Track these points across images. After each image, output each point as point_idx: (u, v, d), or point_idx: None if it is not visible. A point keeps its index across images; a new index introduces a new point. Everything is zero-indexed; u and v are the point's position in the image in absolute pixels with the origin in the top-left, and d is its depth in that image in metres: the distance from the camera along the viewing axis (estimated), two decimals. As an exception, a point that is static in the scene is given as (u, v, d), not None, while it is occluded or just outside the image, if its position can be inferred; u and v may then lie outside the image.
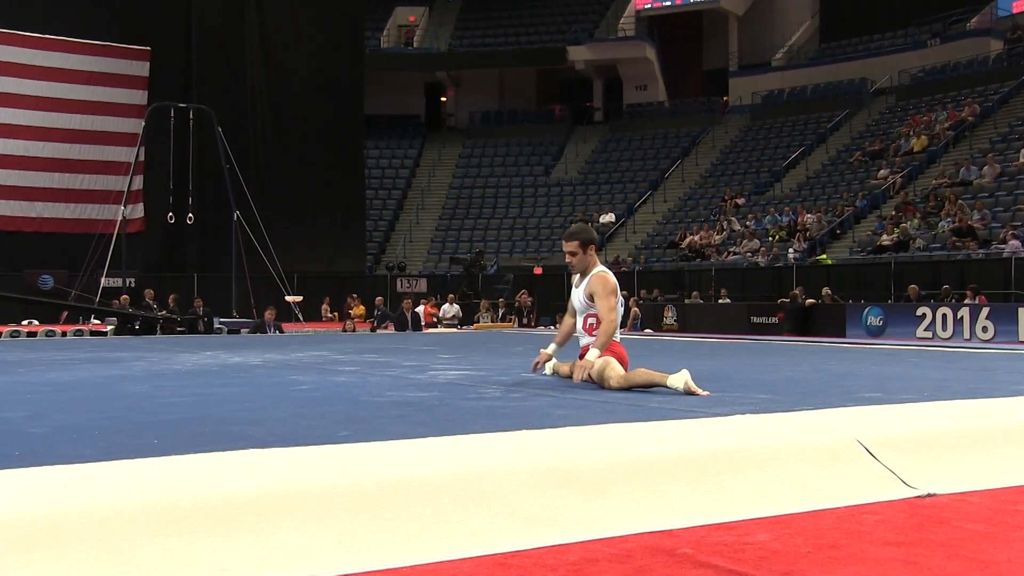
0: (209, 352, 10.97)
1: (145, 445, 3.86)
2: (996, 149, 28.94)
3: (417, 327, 22.15)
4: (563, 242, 6.55)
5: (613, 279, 6.36)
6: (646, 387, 6.01)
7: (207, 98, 28.80)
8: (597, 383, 6.19)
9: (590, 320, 6.45)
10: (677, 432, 4.12)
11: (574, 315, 6.63)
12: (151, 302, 22.29)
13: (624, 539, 3.10)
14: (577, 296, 6.51)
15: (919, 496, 3.73)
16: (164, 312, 21.01)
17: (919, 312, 19.72)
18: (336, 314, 27.01)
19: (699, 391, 5.77)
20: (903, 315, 20.19)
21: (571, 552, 2.98)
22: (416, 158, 43.20)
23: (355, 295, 27.82)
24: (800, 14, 44.34)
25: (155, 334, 18.85)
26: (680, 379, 5.84)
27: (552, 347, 6.70)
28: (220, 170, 25.95)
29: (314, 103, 32.69)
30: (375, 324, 22.27)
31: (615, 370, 6.13)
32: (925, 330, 19.30)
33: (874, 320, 20.50)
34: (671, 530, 3.21)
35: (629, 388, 6.02)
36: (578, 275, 6.55)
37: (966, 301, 19.80)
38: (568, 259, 6.55)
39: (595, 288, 6.32)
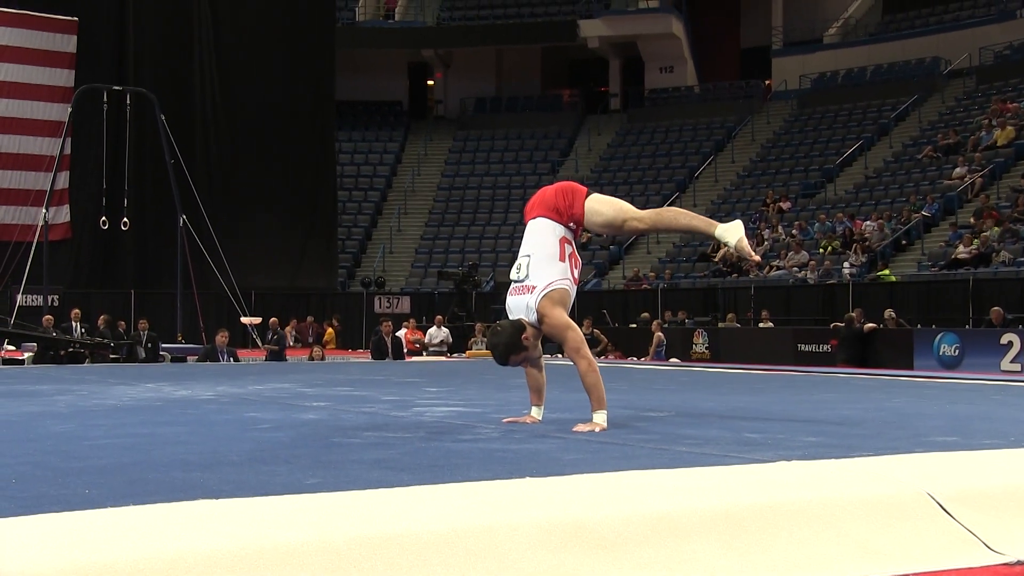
0: (150, 384, 10.98)
1: (73, 496, 3.86)
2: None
3: (398, 354, 22.17)
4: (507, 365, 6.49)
5: (548, 303, 6.33)
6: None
7: (146, 80, 28.86)
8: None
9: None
10: (710, 482, 4.13)
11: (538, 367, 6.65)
12: (76, 323, 22.27)
13: (648, 610, 3.11)
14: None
15: (1006, 564, 3.72)
16: (86, 336, 20.98)
17: (1004, 340, 19.70)
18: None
19: (753, 255, 6.65)
20: (984, 343, 20.17)
21: (584, 625, 2.98)
22: (398, 153, 43.28)
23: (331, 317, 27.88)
24: (858, -19, 44.50)
25: (81, 363, 18.87)
26: (734, 232, 6.36)
27: (535, 410, 6.69)
28: (163, 166, 26.00)
29: (276, 87, 32.74)
30: (268, 353, 21.72)
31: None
32: (1012, 362, 19.27)
33: (948, 349, 20.49)
34: (704, 599, 3.22)
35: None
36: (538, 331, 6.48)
37: (1064, 327, 19.82)
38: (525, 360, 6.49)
39: (547, 318, 6.27)
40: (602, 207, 6.49)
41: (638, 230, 6.85)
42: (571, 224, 6.44)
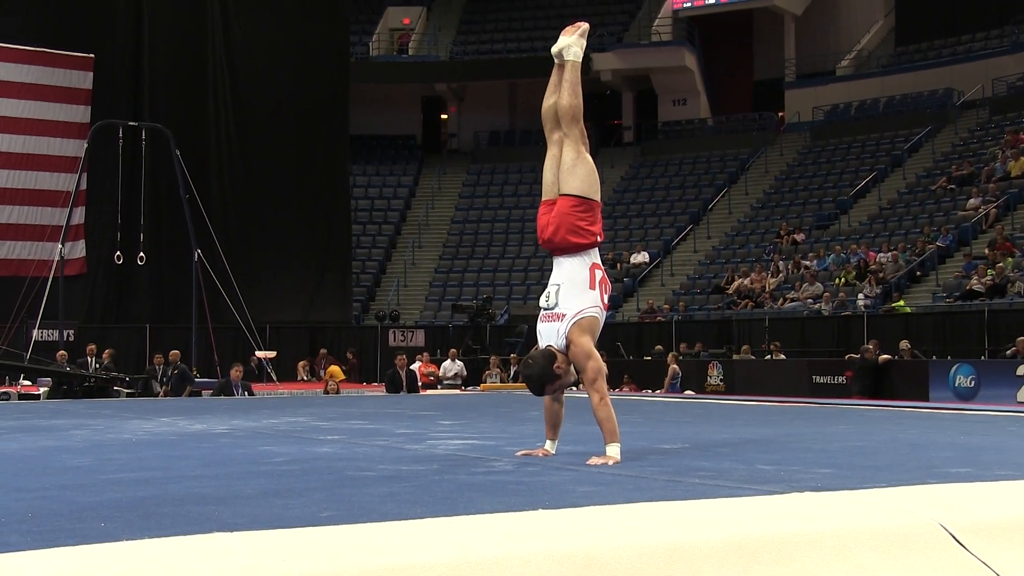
0: (165, 418, 11.02)
1: (89, 530, 3.88)
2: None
3: (412, 388, 22.16)
4: (543, 395, 6.51)
5: (576, 330, 6.35)
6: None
7: (162, 115, 29.04)
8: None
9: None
10: (722, 514, 4.13)
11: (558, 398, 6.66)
12: (91, 358, 22.29)
13: (660, 641, 3.11)
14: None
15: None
16: (99, 370, 21.01)
17: (1020, 371, 19.57)
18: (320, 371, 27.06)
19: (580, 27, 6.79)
20: (1000, 374, 20.06)
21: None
22: (412, 186, 43.40)
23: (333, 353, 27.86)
24: (871, 13, 44.58)
25: (101, 397, 18.91)
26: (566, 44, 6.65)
27: (549, 444, 6.69)
28: (178, 201, 26.10)
29: (290, 122, 32.90)
30: (168, 388, 20.98)
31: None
32: (1028, 393, 19.21)
33: (964, 380, 20.40)
34: (716, 631, 3.22)
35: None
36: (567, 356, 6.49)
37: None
38: (556, 389, 6.50)
39: (573, 344, 6.31)
40: (577, 169, 6.51)
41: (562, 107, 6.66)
42: (594, 222, 6.48)
